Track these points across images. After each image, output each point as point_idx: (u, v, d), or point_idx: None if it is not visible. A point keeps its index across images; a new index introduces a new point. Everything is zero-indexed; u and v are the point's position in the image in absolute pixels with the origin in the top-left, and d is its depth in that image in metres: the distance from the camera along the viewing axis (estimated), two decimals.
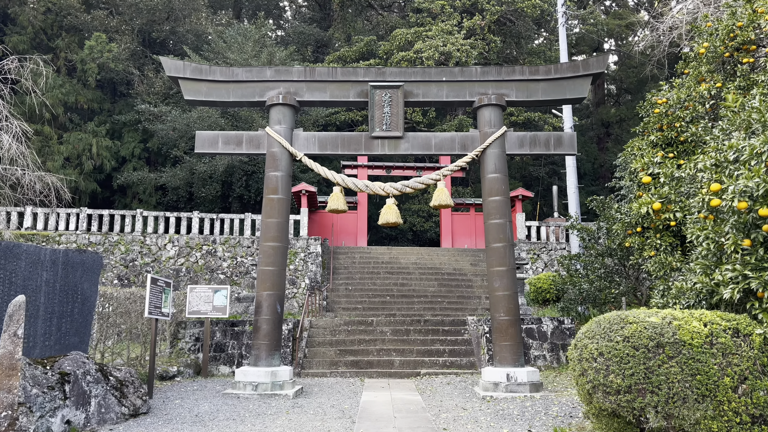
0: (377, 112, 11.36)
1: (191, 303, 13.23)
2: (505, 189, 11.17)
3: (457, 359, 14.06)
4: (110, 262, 21.05)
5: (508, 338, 10.70)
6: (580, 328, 6.19)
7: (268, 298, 10.86)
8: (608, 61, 11.37)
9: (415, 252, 24.25)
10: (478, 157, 11.34)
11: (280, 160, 11.26)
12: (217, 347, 13.95)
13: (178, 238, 21.78)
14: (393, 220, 11.18)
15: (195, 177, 26.28)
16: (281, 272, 11.02)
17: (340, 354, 14.35)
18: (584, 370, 5.66)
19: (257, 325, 10.84)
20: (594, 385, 5.52)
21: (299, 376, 13.48)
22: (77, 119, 27.56)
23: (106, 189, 28.50)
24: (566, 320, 14.09)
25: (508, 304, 10.80)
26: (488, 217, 11.18)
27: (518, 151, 11.37)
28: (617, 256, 14.06)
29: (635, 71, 41.92)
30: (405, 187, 11.23)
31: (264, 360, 10.68)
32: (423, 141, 11.47)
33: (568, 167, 18.93)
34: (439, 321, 15.65)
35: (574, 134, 11.48)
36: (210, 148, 11.50)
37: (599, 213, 15.07)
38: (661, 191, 8.60)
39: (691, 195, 8.06)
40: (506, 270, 10.91)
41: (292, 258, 21.87)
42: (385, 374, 13.59)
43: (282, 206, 11.15)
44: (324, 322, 15.59)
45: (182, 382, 12.05)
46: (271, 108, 11.50)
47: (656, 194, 8.70)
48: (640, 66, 42.98)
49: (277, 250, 11.01)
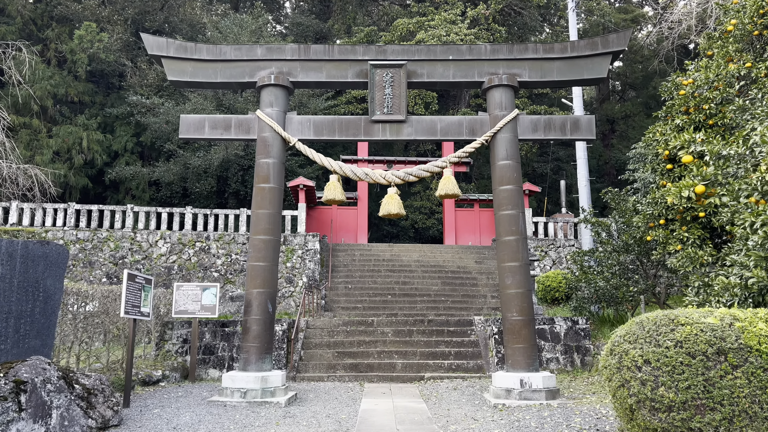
0: (378, 94, 10.41)
1: (178, 302, 12.29)
2: (518, 177, 10.22)
3: (463, 362, 13.12)
4: (99, 260, 20.13)
5: (522, 340, 9.75)
6: (616, 331, 5.25)
7: (258, 296, 9.92)
8: (629, 38, 10.42)
9: (418, 249, 23.31)
10: (487, 142, 10.39)
11: (271, 145, 10.32)
12: (206, 349, 13.02)
13: (170, 235, 20.85)
14: (395, 211, 10.24)
15: (189, 172, 25.35)
16: (273, 268, 10.08)
17: (338, 356, 13.41)
18: (625, 381, 4.72)
19: (246, 325, 9.90)
20: (639, 399, 4.57)
21: (294, 381, 12.54)
22: (67, 112, 26.62)
23: (97, 185, 27.58)
24: (580, 320, 13.14)
25: (521, 303, 9.86)
26: (499, 208, 10.24)
27: (532, 136, 10.43)
28: (634, 251, 13.12)
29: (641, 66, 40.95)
30: (408, 176, 10.29)
31: (254, 364, 9.74)
32: (428, 125, 10.52)
33: (579, 159, 17.98)
34: (443, 321, 14.70)
35: (592, 117, 10.53)
36: (195, 132, 10.56)
37: (614, 206, 14.13)
38: (705, 172, 7.60)
39: (739, 176, 7.11)
40: (519, 266, 9.96)
41: (289, 255, 20.94)
42: (387, 378, 12.66)
43: (274, 196, 10.21)
44: (322, 322, 14.65)
45: (167, 388, 11.11)
46: (262, 89, 10.56)
47: (698, 176, 7.72)
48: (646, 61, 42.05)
49: (268, 244, 10.07)
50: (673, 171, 10.55)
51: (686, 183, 7.80)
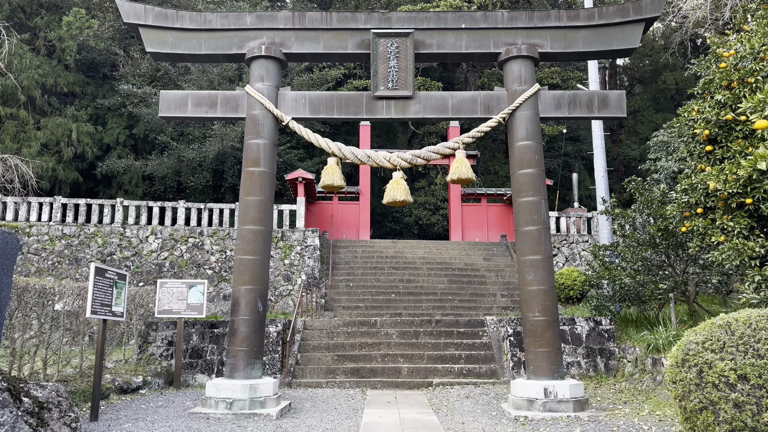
0: (381, 67, 9.26)
1: (161, 300, 11.17)
2: (539, 160, 9.07)
3: (475, 366, 11.98)
4: (86, 256, 19.01)
5: (545, 343, 8.60)
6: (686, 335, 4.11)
7: (246, 294, 8.79)
8: (664, 2, 9.27)
9: (423, 245, 22.18)
10: (505, 120, 9.23)
11: (262, 124, 9.18)
12: (193, 352, 11.89)
13: (161, 230, 19.74)
14: (401, 197, 9.09)
15: (183, 165, 24.22)
16: (263, 262, 8.95)
17: (338, 360, 12.28)
18: (710, 402, 3.58)
19: (233, 327, 8.76)
20: (733, 428, 3.43)
21: (289, 387, 11.42)
22: (57, 103, 25.52)
23: (89, 179, 26.47)
24: (604, 320, 11.98)
25: (544, 302, 8.71)
26: (518, 195, 9.09)
27: (554, 114, 9.27)
28: (662, 245, 11.95)
29: (649, 60, 39.80)
30: (415, 158, 9.14)
31: (242, 371, 8.61)
32: (437, 102, 9.36)
33: (596, 148, 16.80)
34: (452, 321, 13.56)
35: (622, 93, 9.37)
36: (177, 110, 9.42)
37: (638, 197, 12.96)
38: None
39: None
40: (542, 259, 8.81)
41: (287, 252, 19.81)
42: (391, 384, 11.53)
43: (264, 181, 9.07)
44: (321, 322, 13.52)
45: (147, 396, 9.98)
46: (251, 62, 9.42)
47: None
48: (655, 54, 40.93)
49: (258, 235, 8.94)
50: (714, 153, 9.39)
51: (761, 153, 6.60)
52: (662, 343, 10.07)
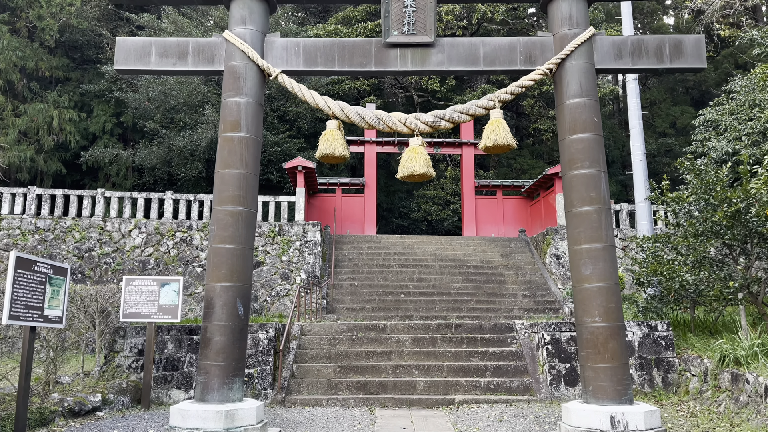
0: (395, 6, 7.32)
1: (128, 302, 9.24)
2: (597, 123, 7.11)
3: (504, 380, 10.01)
4: (61, 252, 17.12)
5: (609, 357, 6.62)
6: None
7: (223, 293, 6.84)
8: None
9: (434, 241, 20.22)
10: (552, 72, 7.27)
11: (243, 78, 7.24)
12: (168, 364, 9.95)
13: (146, 224, 17.82)
14: (420, 169, 7.15)
15: (173, 155, 22.32)
16: (246, 253, 7.01)
17: (341, 372, 10.33)
18: None
19: (206, 336, 6.82)
20: None
21: (282, 405, 9.48)
22: (38, 88, 23.65)
23: (74, 171, 24.60)
24: (660, 325, 9.99)
25: (607, 303, 6.74)
26: (570, 166, 7.12)
27: (615, 65, 7.31)
28: (728, 235, 9.94)
29: None
30: (438, 120, 7.18)
31: (216, 392, 6.66)
32: (466, 51, 7.41)
33: (633, 129, 14.82)
34: (475, 326, 11.58)
35: (701, 38, 7.40)
36: (137, 62, 7.50)
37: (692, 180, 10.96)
38: None
39: None
40: (602, 248, 6.84)
41: (285, 247, 17.88)
42: (405, 402, 9.58)
43: (246, 150, 7.13)
44: (321, 327, 11.57)
45: (104, 420, 8.05)
46: (231, 1, 7.48)
47: None
48: None
49: (238, 219, 7.00)
50: None
51: None
52: (744, 355, 8.08)
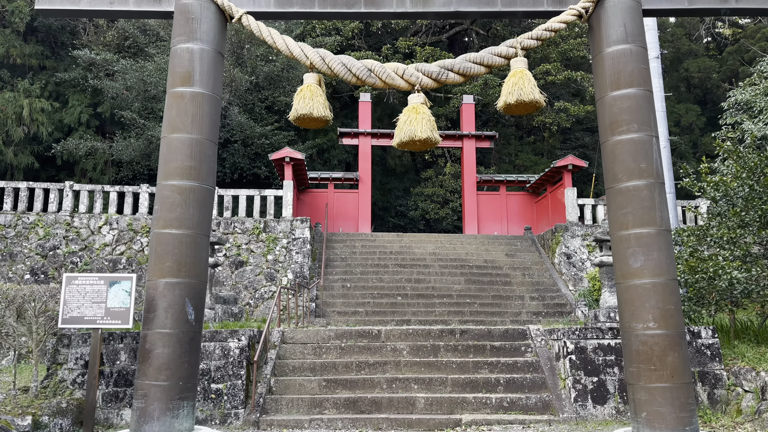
0: None
1: (68, 303, 7.63)
2: (647, 77, 5.60)
3: (520, 396, 8.47)
4: (23, 251, 15.52)
5: (668, 374, 5.08)
6: None
7: (168, 291, 5.28)
8: None
9: (433, 240, 18.72)
10: (588, 13, 5.75)
11: (198, 20, 5.70)
12: (120, 378, 8.38)
13: (117, 219, 16.25)
14: (423, 134, 5.58)
15: (154, 147, 20.74)
16: (199, 241, 5.45)
17: (327, 387, 8.77)
18: None
19: (145, 347, 5.25)
20: None
21: (257, 428, 7.92)
22: (8, 76, 22.06)
23: (49, 165, 23.00)
24: (703, 331, 8.46)
25: (664, 304, 5.20)
26: (612, 130, 5.59)
27: (665, 5, 5.81)
28: None
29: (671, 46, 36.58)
30: (445, 72, 5.64)
31: (156, 421, 5.09)
32: None
33: (657, 112, 13.32)
34: (483, 333, 10.03)
35: None
36: (65, 2, 5.95)
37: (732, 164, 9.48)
38: None
39: None
40: (656, 233, 5.31)
41: (271, 245, 16.32)
42: (402, 423, 8.03)
43: (201, 109, 5.58)
44: (305, 334, 10.00)
45: None
46: None
47: None
48: (676, 40, 37.83)
49: (189, 196, 5.45)
50: None
51: None
52: None
